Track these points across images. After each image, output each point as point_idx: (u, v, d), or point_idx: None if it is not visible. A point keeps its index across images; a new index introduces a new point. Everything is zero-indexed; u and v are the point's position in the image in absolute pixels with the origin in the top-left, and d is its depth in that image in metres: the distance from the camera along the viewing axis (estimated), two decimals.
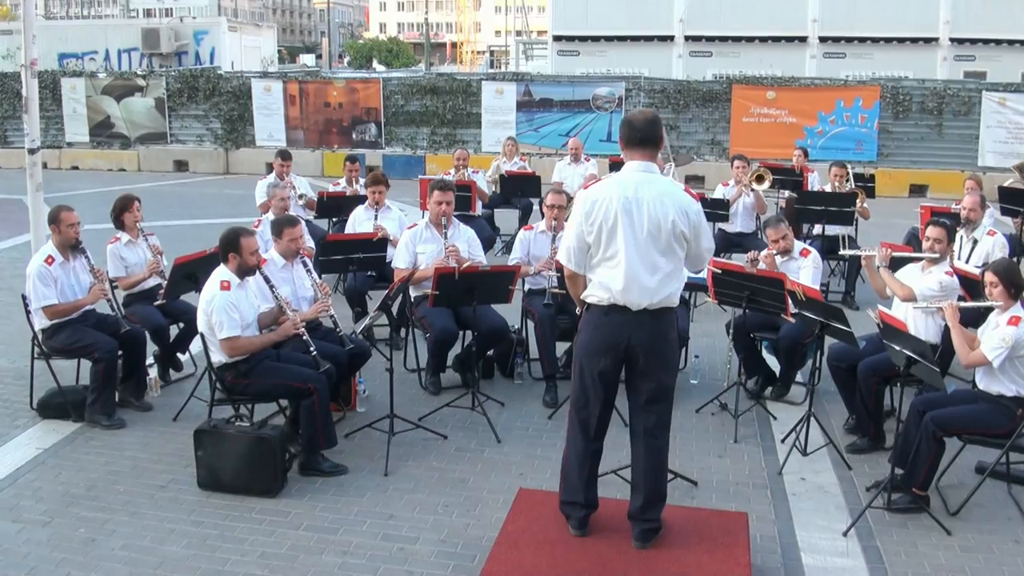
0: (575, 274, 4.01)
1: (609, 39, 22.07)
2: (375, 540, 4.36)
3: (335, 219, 9.32)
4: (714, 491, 4.89)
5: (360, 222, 7.86)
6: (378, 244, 7.12)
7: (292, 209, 7.99)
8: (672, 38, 22.07)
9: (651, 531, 4.03)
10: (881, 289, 5.81)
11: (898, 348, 4.62)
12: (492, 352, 6.49)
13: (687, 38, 21.96)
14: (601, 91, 17.77)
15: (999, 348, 4.59)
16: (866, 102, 16.65)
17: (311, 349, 5.13)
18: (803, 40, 21.56)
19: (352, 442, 5.44)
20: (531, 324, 6.36)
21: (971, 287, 5.69)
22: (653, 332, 3.88)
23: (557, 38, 22.86)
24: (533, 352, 6.38)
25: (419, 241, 6.52)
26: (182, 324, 6.39)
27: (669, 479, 4.39)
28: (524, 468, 5.15)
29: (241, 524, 4.50)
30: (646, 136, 3.90)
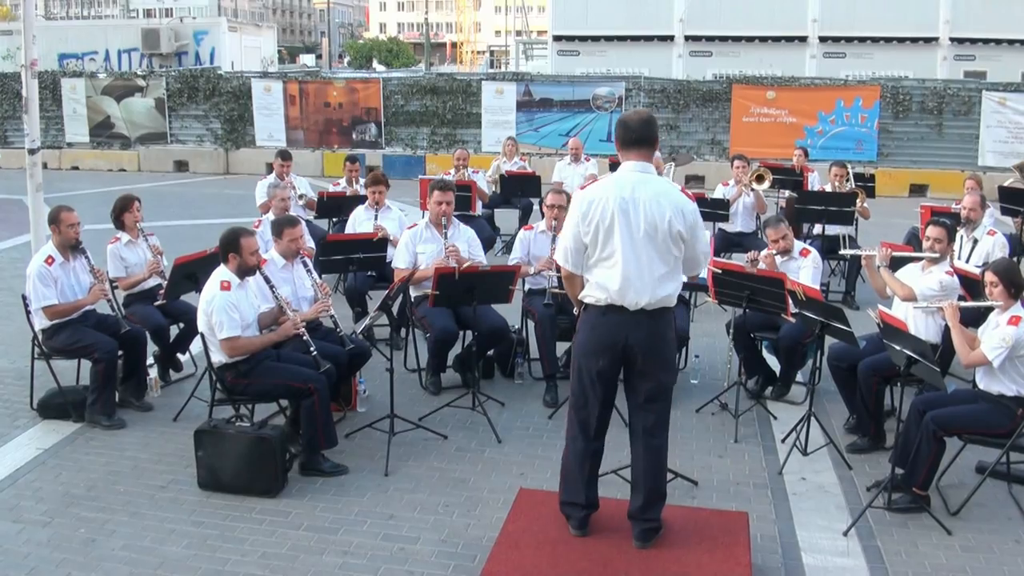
0: (572, 274, 4.02)
1: (609, 39, 22.07)
2: (376, 540, 4.36)
3: (335, 219, 9.32)
4: (714, 491, 4.89)
5: (360, 222, 7.86)
6: (378, 244, 7.12)
7: (292, 209, 7.99)
8: (672, 38, 22.08)
9: (651, 531, 4.03)
10: (881, 289, 5.81)
11: (898, 348, 4.62)
12: (492, 352, 6.49)
13: (687, 38, 21.97)
14: (601, 91, 17.77)
15: (999, 348, 4.59)
16: (866, 102, 16.65)
17: (311, 349, 5.13)
18: (803, 40, 21.57)
19: (352, 442, 5.44)
20: (531, 324, 6.36)
21: (971, 287, 5.69)
22: (651, 332, 3.89)
23: (557, 38, 22.86)
24: (533, 352, 6.38)
25: (419, 241, 6.52)
26: (182, 324, 6.40)
27: (669, 479, 4.40)
28: (524, 468, 5.15)
29: (241, 524, 4.50)
30: (641, 136, 3.90)
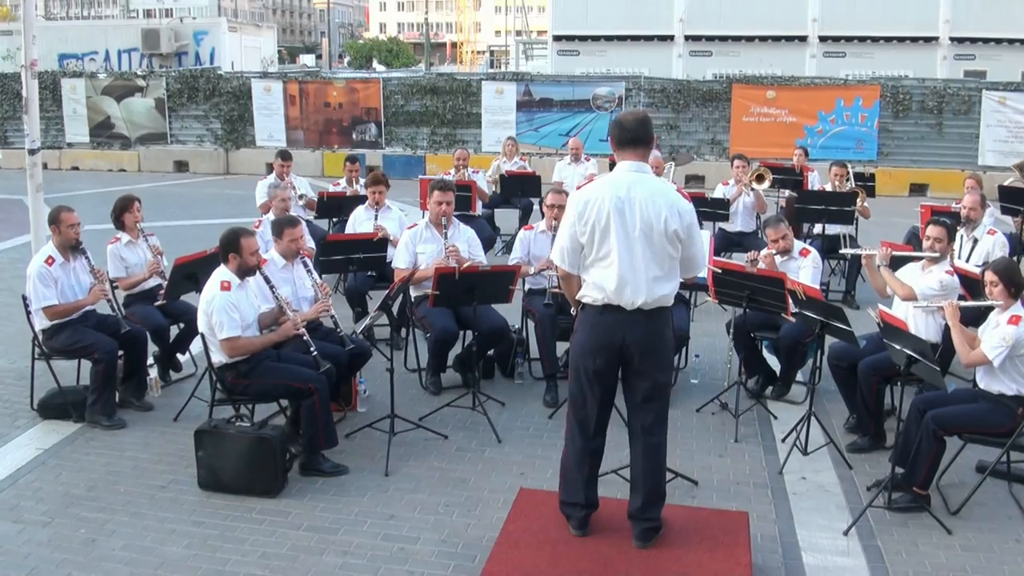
0: (569, 274, 4.02)
1: (609, 39, 22.06)
2: (376, 540, 4.36)
3: (335, 219, 9.32)
4: (715, 490, 4.89)
5: (360, 222, 7.86)
6: (378, 244, 7.12)
7: (292, 209, 7.99)
8: (672, 38, 22.07)
9: (651, 530, 4.03)
10: (881, 288, 5.81)
11: (898, 347, 4.62)
12: (492, 352, 6.49)
13: (687, 38, 21.96)
14: (601, 91, 17.77)
15: (999, 347, 4.59)
16: (866, 101, 16.65)
17: (311, 349, 5.13)
18: (803, 39, 21.56)
19: (353, 442, 5.44)
20: (531, 324, 6.36)
21: (971, 286, 5.69)
22: (648, 331, 3.89)
23: (557, 38, 22.85)
24: (533, 352, 6.39)
25: (419, 241, 6.52)
26: (182, 324, 6.40)
27: (669, 479, 4.40)
28: (525, 468, 5.15)
29: (242, 524, 4.50)
30: (637, 136, 3.90)
